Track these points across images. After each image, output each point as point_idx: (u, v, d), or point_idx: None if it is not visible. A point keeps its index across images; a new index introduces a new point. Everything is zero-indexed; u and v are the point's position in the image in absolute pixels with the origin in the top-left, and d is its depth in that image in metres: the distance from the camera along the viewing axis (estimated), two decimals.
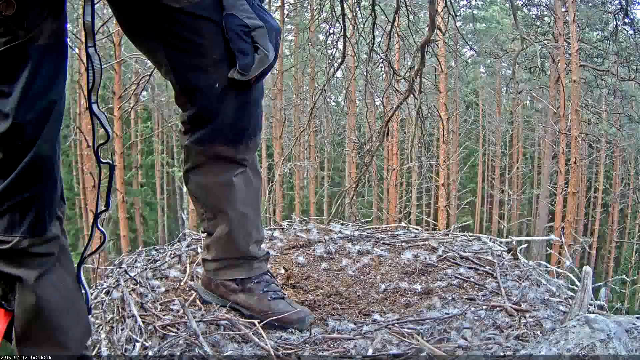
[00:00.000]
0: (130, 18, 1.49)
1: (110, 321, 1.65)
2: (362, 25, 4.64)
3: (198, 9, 1.44)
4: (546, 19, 13.83)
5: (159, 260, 2.18)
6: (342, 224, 2.85)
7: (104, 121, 1.34)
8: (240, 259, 1.69)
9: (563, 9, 11.00)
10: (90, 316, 1.66)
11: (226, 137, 1.56)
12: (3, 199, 1.21)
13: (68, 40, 1.33)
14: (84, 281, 1.41)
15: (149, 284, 1.88)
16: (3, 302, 1.26)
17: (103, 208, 1.41)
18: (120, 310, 1.67)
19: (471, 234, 2.60)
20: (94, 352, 1.53)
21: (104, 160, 1.37)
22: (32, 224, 1.23)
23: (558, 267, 2.40)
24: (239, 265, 1.70)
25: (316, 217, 3.94)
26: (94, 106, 1.34)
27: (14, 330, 1.25)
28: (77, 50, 8.45)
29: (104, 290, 1.89)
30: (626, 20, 5.18)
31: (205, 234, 1.74)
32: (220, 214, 1.65)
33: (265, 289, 1.69)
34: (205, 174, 1.62)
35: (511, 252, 2.26)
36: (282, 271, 2.10)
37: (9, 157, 1.20)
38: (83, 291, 1.40)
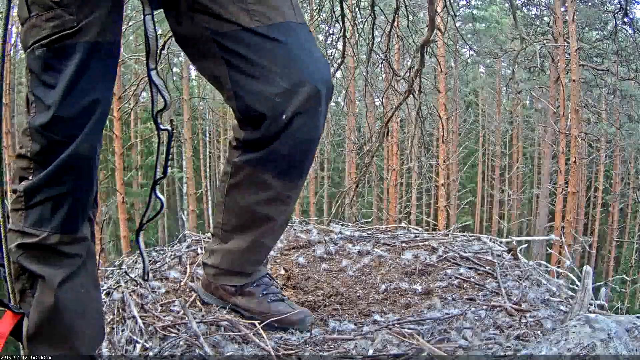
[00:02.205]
0: (193, 36, 1.40)
1: (111, 322, 1.65)
2: (361, 26, 4.65)
3: (272, 32, 1.35)
4: (545, 18, 13.84)
5: (159, 261, 2.18)
6: (342, 225, 2.85)
7: (162, 88, 1.32)
8: (241, 273, 1.69)
9: (562, 9, 11.00)
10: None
11: (278, 168, 1.47)
12: (36, 191, 1.20)
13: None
14: (143, 248, 1.42)
15: (149, 285, 1.88)
16: (10, 304, 1.25)
17: (161, 175, 1.39)
18: (120, 311, 1.67)
19: (471, 234, 2.60)
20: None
21: (162, 127, 1.35)
22: (63, 221, 1.21)
23: (558, 267, 2.41)
24: (238, 274, 1.69)
25: (316, 218, 3.94)
26: (153, 73, 1.32)
27: (26, 328, 1.24)
28: None
29: (105, 292, 1.89)
30: (625, 19, 5.18)
31: (213, 237, 1.70)
32: (242, 235, 1.60)
33: (264, 292, 1.68)
34: (248, 197, 1.54)
35: (511, 252, 2.26)
36: (283, 272, 2.10)
37: (47, 149, 1.19)
38: (141, 261, 1.43)
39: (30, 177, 1.20)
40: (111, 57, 1.26)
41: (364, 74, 5.05)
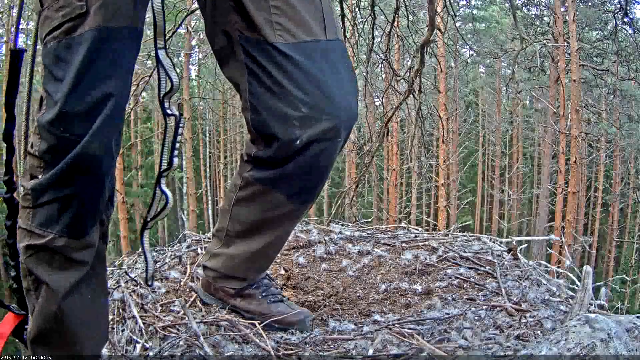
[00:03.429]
0: (225, 34, 1.34)
1: (111, 322, 1.64)
2: (361, 26, 4.65)
3: (295, 51, 1.27)
4: (546, 18, 13.84)
5: (160, 261, 2.18)
6: (342, 225, 2.85)
7: (170, 69, 1.22)
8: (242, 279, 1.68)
9: (562, 9, 11.01)
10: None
11: (289, 190, 1.43)
12: (43, 191, 1.14)
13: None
14: (147, 249, 1.32)
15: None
16: (13, 305, 1.24)
17: (166, 166, 1.27)
18: (120, 311, 1.67)
19: (471, 234, 2.59)
20: None
21: (170, 112, 1.24)
22: (70, 224, 1.16)
23: (558, 267, 2.40)
24: (239, 279, 1.68)
25: (316, 218, 3.94)
26: (160, 53, 1.21)
27: (29, 329, 1.23)
28: None
29: None
30: (625, 19, 5.19)
31: (215, 238, 1.68)
32: (245, 243, 1.58)
33: (264, 293, 1.67)
34: (256, 213, 1.50)
35: (511, 252, 2.26)
36: (282, 272, 2.10)
37: (55, 148, 1.12)
38: (144, 260, 1.31)
39: (40, 176, 1.15)
40: (125, 45, 1.16)
41: (364, 74, 5.05)
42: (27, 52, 1.17)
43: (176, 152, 1.27)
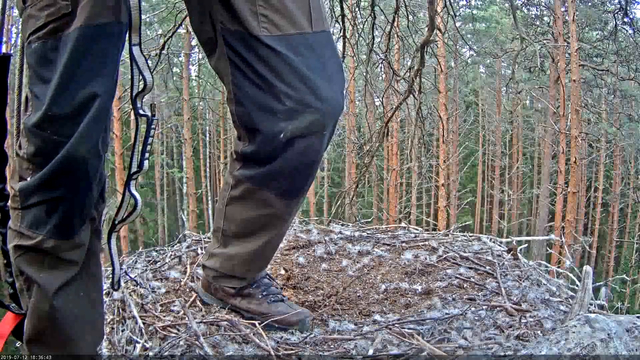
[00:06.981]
0: (208, 26, 1.34)
1: (111, 322, 1.65)
2: (361, 26, 4.65)
3: (279, 44, 1.27)
4: (545, 18, 13.85)
5: (159, 261, 2.18)
6: (342, 225, 2.85)
7: (143, 66, 1.18)
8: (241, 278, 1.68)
9: (562, 9, 11.01)
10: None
11: (279, 188, 1.43)
12: (31, 193, 1.14)
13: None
14: (114, 253, 1.29)
15: (150, 285, 1.88)
16: (12, 305, 1.24)
17: (136, 169, 1.24)
18: (120, 311, 1.67)
19: (471, 234, 2.60)
20: None
21: (142, 112, 1.20)
22: (58, 226, 1.15)
23: (558, 267, 2.40)
24: (238, 278, 1.68)
25: (316, 218, 3.95)
26: (134, 49, 1.17)
27: (25, 329, 1.23)
28: None
29: (105, 292, 1.88)
30: (625, 19, 5.20)
31: (213, 238, 1.68)
32: (241, 243, 1.58)
33: (264, 293, 1.67)
34: (248, 212, 1.51)
35: (511, 252, 2.26)
36: (283, 272, 2.10)
37: (42, 150, 1.11)
38: (111, 266, 1.30)
39: (28, 178, 1.14)
40: (110, 42, 1.13)
41: (364, 74, 5.05)
42: (13, 57, 1.16)
43: (147, 155, 1.23)
